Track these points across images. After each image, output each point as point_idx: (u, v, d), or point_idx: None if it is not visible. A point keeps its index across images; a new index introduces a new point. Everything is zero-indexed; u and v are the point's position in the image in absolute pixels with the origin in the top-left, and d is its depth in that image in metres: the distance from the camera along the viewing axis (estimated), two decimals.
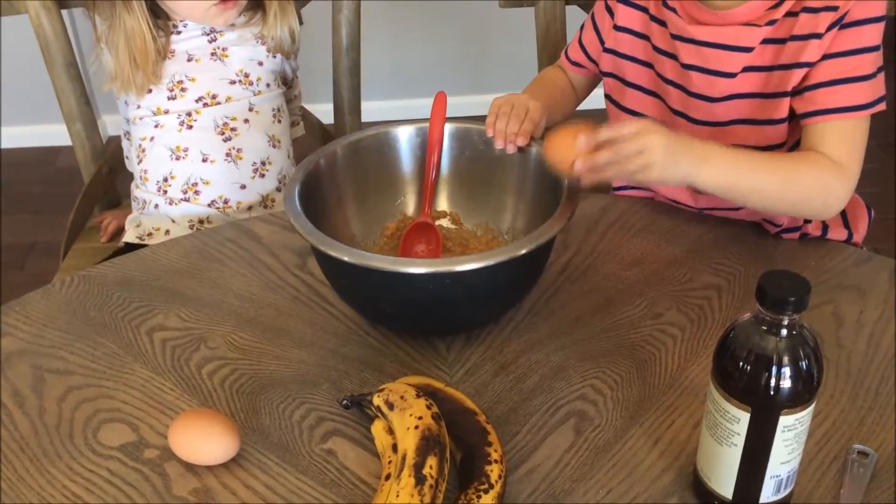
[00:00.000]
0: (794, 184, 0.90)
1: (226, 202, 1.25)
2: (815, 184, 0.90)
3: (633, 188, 1.13)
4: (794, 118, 0.96)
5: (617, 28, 1.06)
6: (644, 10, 1.04)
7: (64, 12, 1.35)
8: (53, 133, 2.44)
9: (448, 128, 0.98)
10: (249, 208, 1.27)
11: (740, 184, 0.88)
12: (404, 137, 0.99)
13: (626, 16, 1.06)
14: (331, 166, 0.95)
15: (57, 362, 0.87)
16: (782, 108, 0.95)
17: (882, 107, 0.92)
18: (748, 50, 0.95)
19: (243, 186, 1.26)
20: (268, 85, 1.29)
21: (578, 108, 1.21)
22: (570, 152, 0.85)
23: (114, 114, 1.32)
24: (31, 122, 2.59)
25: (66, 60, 1.34)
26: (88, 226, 1.44)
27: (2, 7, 1.31)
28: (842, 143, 0.91)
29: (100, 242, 1.40)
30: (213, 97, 1.25)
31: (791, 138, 0.98)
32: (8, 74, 2.51)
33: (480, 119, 0.98)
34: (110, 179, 1.44)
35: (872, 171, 0.98)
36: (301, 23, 1.35)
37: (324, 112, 1.52)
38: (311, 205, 0.87)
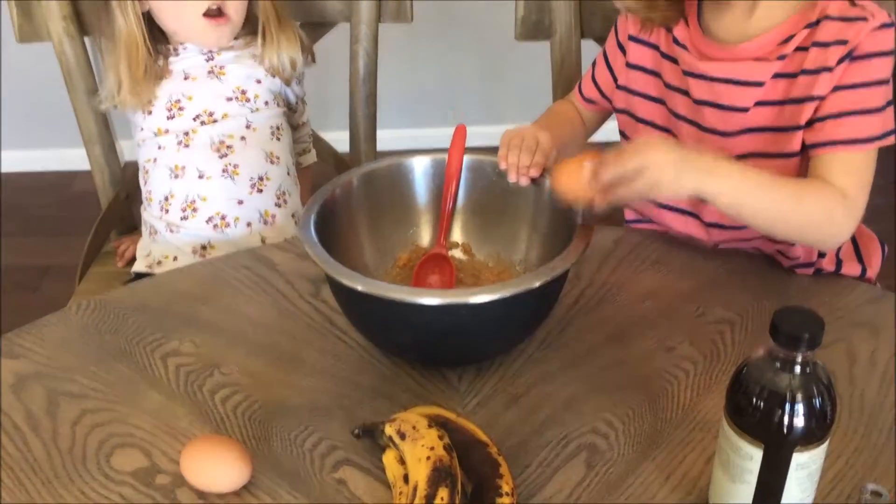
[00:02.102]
0: (799, 206, 0.90)
1: (223, 218, 1.26)
2: (820, 210, 0.90)
3: (645, 221, 1.14)
4: (806, 150, 0.96)
5: (629, 66, 1.08)
6: (655, 47, 1.05)
7: (85, 40, 1.37)
8: (70, 157, 2.47)
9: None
10: (248, 224, 1.28)
11: (747, 199, 0.88)
12: (419, 168, 1.00)
13: (637, 53, 1.07)
14: (346, 196, 0.96)
15: (71, 386, 0.87)
16: (795, 142, 0.95)
17: (891, 140, 0.93)
18: (759, 85, 0.96)
19: (241, 202, 1.27)
20: (266, 103, 1.30)
21: (592, 139, 1.22)
22: (578, 181, 0.86)
23: (131, 139, 1.33)
24: (48, 146, 2.62)
25: (87, 87, 1.36)
26: (104, 250, 1.45)
27: (27, 34, 1.33)
28: (848, 174, 0.91)
29: (116, 267, 1.41)
30: (210, 115, 1.26)
31: (804, 171, 0.98)
32: (25, 98, 2.54)
33: (495, 149, 0.99)
34: (127, 204, 1.46)
35: (885, 207, 0.98)
36: (314, 60, 1.37)
37: (340, 140, 1.53)
38: (325, 233, 0.88)
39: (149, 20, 1.25)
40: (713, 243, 1.06)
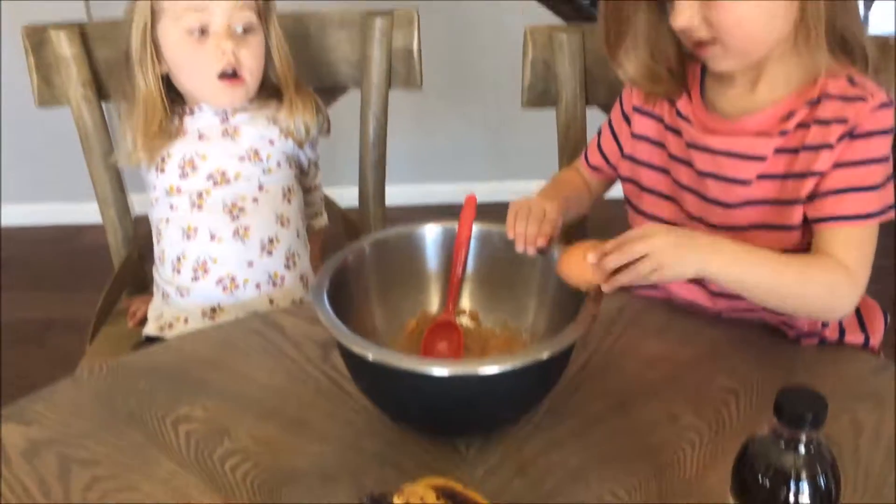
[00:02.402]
0: (802, 283, 0.92)
1: (233, 280, 1.28)
2: (823, 285, 0.92)
3: (649, 288, 1.15)
4: (808, 223, 0.98)
5: (634, 136, 1.10)
6: (659, 118, 1.08)
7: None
8: (74, 211, 2.51)
9: None
10: (258, 286, 1.29)
11: (750, 277, 0.90)
12: (430, 237, 1.02)
13: (642, 124, 1.10)
14: (358, 262, 0.98)
15: (83, 452, 0.88)
16: (797, 215, 0.97)
17: (891, 215, 0.95)
18: (761, 159, 0.98)
19: (251, 264, 1.29)
20: (278, 164, 1.32)
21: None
22: (583, 269, 0.89)
23: (142, 192, 1.36)
24: (52, 200, 2.66)
25: (103, 150, 1.39)
26: (116, 310, 1.47)
27: (46, 99, 1.37)
28: (849, 249, 0.93)
29: (126, 327, 1.42)
30: (223, 174, 1.28)
31: (806, 242, 1.00)
32: (34, 153, 2.58)
33: (502, 206, 1.00)
34: (140, 264, 1.47)
35: (886, 268, 1.00)
36: (329, 131, 1.39)
37: (347, 195, 1.55)
38: (338, 299, 0.89)
39: (167, 82, 1.28)
40: (717, 311, 1.07)
